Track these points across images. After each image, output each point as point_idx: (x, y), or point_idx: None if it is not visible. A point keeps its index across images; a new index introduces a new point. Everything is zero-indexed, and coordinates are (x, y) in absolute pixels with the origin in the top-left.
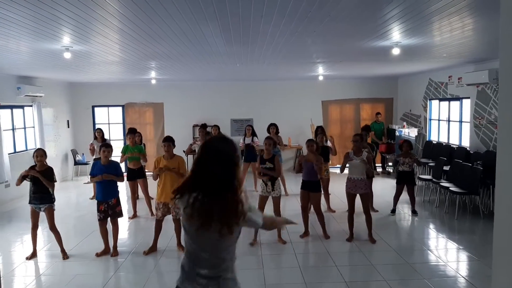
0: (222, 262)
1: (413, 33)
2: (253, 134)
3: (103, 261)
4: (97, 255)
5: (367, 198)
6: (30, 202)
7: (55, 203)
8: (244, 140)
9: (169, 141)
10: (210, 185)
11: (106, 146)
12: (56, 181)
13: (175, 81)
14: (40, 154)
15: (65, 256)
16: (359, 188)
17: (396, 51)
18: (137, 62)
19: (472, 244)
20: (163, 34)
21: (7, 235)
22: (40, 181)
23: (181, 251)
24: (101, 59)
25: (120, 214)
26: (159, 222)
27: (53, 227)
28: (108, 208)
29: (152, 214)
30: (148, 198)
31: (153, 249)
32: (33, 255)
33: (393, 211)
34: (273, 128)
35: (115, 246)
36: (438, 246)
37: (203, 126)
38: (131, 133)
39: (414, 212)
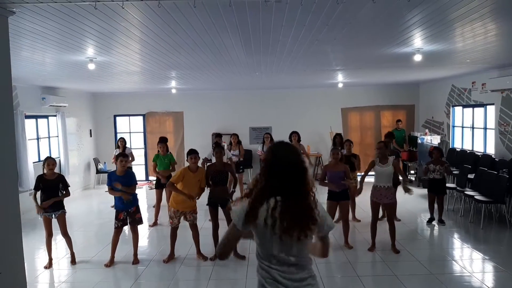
0: (308, 262)
1: (435, 39)
2: (272, 142)
3: (124, 269)
4: (106, 266)
5: (392, 208)
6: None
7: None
8: (262, 148)
9: (196, 153)
10: (286, 191)
11: (123, 155)
12: (69, 185)
13: (194, 90)
14: (52, 163)
15: (73, 261)
16: (384, 197)
17: (417, 58)
18: (158, 72)
19: (498, 254)
20: (184, 45)
21: (32, 242)
22: (50, 190)
23: (201, 259)
24: (123, 69)
25: (140, 221)
26: (174, 230)
27: (65, 233)
28: (127, 216)
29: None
30: None
31: (171, 256)
32: (51, 264)
33: (430, 220)
34: (294, 136)
35: (135, 254)
36: (463, 256)
37: (219, 135)
38: (162, 142)
39: (441, 222)
